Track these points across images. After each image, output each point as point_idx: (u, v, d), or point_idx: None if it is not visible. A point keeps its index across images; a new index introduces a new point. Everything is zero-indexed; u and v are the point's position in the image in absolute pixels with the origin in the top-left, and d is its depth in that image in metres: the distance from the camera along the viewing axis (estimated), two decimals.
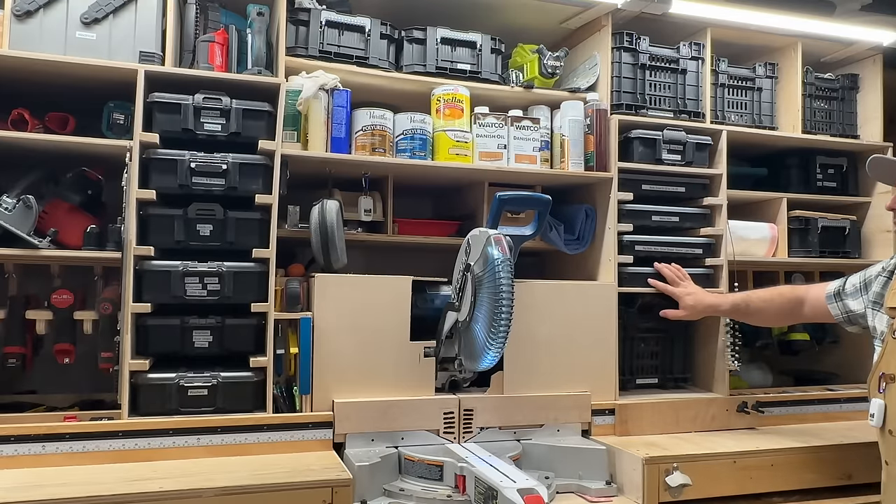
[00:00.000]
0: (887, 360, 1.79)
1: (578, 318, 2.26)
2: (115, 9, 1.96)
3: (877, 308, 1.91)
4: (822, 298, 2.09)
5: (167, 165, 1.93)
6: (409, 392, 2.07)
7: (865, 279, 2.00)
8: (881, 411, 1.77)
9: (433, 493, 1.86)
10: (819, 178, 2.73)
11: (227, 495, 1.64)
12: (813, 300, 2.12)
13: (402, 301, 2.10)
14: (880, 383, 1.78)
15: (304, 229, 2.12)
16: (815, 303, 2.11)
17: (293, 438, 1.95)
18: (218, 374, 1.93)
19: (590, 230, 2.44)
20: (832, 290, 2.08)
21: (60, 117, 2.03)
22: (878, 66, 2.79)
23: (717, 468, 2.02)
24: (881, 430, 1.79)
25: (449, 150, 2.24)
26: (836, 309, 2.06)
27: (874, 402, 1.80)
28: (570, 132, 2.36)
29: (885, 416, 1.76)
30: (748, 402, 2.38)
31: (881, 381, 1.78)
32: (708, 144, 2.49)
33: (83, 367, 2.10)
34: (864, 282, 1.99)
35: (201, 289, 1.92)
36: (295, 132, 2.10)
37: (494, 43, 2.36)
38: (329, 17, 2.18)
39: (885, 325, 1.84)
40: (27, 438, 1.76)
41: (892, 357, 1.78)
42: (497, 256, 1.87)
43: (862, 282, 2.00)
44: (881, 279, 1.93)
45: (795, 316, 2.21)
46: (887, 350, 1.80)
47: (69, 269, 2.09)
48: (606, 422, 2.24)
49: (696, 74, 2.51)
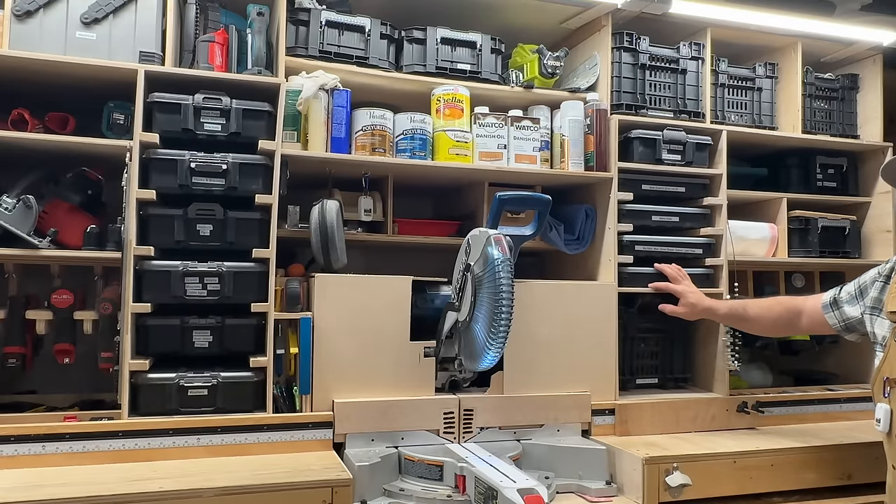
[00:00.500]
0: (891, 364, 1.77)
1: (578, 318, 2.26)
2: (115, 9, 1.96)
3: (875, 313, 1.90)
4: (818, 309, 2.08)
5: (167, 165, 1.93)
6: (409, 392, 2.07)
7: (860, 285, 1.99)
8: (888, 416, 1.75)
9: (433, 493, 1.86)
10: (819, 178, 2.73)
11: (227, 495, 1.64)
12: (810, 311, 2.11)
13: (402, 301, 2.10)
14: (885, 388, 1.77)
15: (304, 229, 2.12)
16: (812, 313, 2.10)
17: (293, 438, 1.95)
18: (218, 374, 1.93)
19: (590, 230, 2.44)
20: (828, 299, 2.07)
21: (60, 117, 2.03)
22: (878, 66, 2.79)
23: (717, 468, 2.02)
24: (888, 435, 1.77)
25: (449, 150, 2.24)
26: (834, 318, 2.05)
27: (880, 407, 1.78)
28: (570, 132, 2.36)
29: (891, 421, 1.75)
30: (748, 402, 2.38)
31: (885, 386, 1.76)
32: (708, 144, 2.49)
33: (83, 367, 2.10)
34: (860, 288, 1.99)
35: (201, 289, 1.92)
36: (295, 132, 2.10)
37: (494, 43, 2.36)
38: (329, 17, 2.18)
39: (887, 329, 1.83)
40: (27, 438, 1.76)
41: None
42: (497, 256, 1.87)
43: (857, 288, 2.00)
44: (878, 284, 1.93)
45: (793, 327, 2.19)
46: (890, 354, 1.78)
47: (69, 269, 2.10)
48: (606, 422, 2.24)
49: (696, 74, 2.51)
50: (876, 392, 1.81)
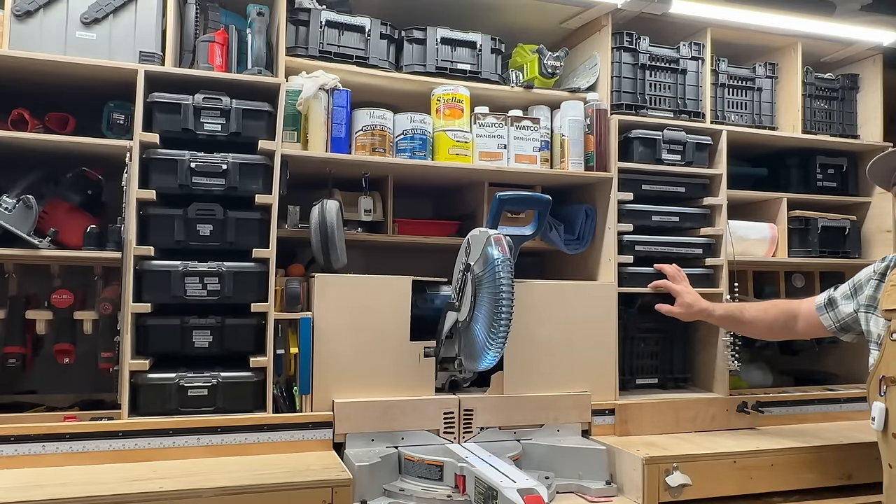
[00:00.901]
0: (887, 362, 1.78)
1: (578, 318, 2.26)
2: (115, 9, 1.96)
3: (870, 311, 1.91)
4: (813, 311, 2.08)
5: (167, 165, 1.93)
6: (409, 392, 2.07)
7: (855, 284, 2.00)
8: (882, 414, 1.75)
9: (433, 493, 1.86)
10: (819, 178, 2.73)
11: (227, 495, 1.64)
12: (805, 314, 2.11)
13: (402, 301, 2.10)
14: (881, 386, 1.77)
15: (304, 229, 2.12)
16: (807, 316, 2.10)
17: (293, 438, 1.95)
18: (218, 374, 1.93)
19: (590, 230, 2.44)
20: (822, 300, 2.07)
21: (60, 117, 2.03)
22: (878, 66, 2.79)
23: (717, 468, 2.02)
24: (883, 434, 1.77)
25: (449, 150, 2.24)
26: (829, 319, 2.05)
27: (875, 406, 1.78)
28: (570, 132, 2.36)
29: (886, 419, 1.75)
30: (748, 402, 2.38)
31: (882, 384, 1.76)
32: (708, 144, 2.49)
33: (83, 367, 2.10)
34: (854, 286, 2.00)
35: (201, 289, 1.92)
36: (295, 132, 2.10)
37: (494, 43, 2.36)
38: (329, 17, 2.18)
39: (882, 327, 1.84)
40: (27, 438, 1.76)
41: (892, 359, 1.76)
42: (497, 256, 1.87)
43: (851, 287, 2.00)
44: (873, 282, 1.93)
45: (789, 330, 2.18)
46: (886, 352, 1.79)
47: (69, 269, 2.10)
48: (606, 422, 2.24)
49: (696, 74, 2.51)
50: (871, 390, 1.81)
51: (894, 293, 1.83)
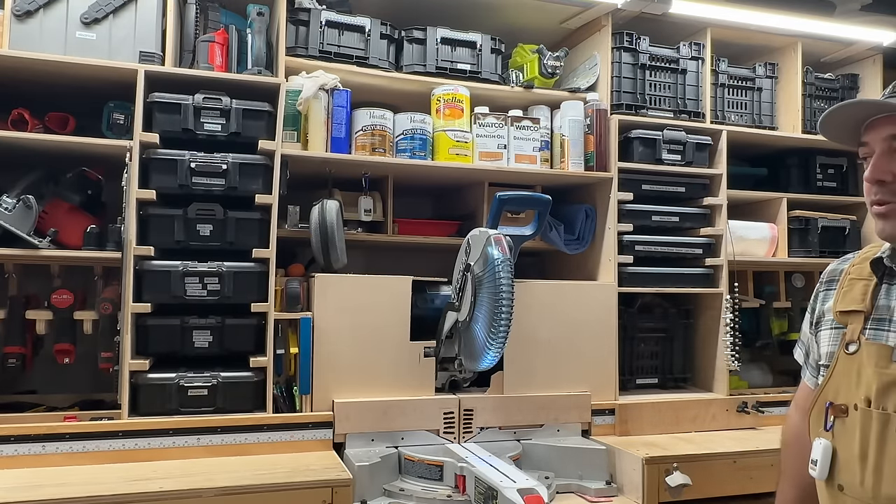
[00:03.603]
0: (836, 385, 1.22)
1: (578, 318, 2.26)
2: (115, 9, 1.96)
3: (819, 327, 1.36)
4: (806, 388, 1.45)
5: (167, 165, 1.93)
6: (409, 392, 2.07)
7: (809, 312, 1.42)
8: (828, 456, 1.19)
9: (433, 493, 1.86)
10: (819, 178, 2.73)
11: (227, 495, 1.64)
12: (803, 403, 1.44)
13: (402, 301, 2.10)
14: (827, 417, 1.21)
15: (304, 229, 2.12)
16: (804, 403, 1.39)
17: (293, 438, 1.95)
18: (218, 374, 1.93)
19: (590, 230, 2.44)
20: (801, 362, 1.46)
21: (60, 117, 2.03)
22: (878, 66, 2.79)
23: (717, 468, 2.02)
24: (828, 484, 1.20)
25: (449, 150, 2.24)
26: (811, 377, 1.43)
27: (818, 445, 1.21)
28: (570, 132, 2.36)
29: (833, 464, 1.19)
30: (748, 402, 2.38)
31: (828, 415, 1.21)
32: (708, 144, 2.49)
33: (83, 367, 2.10)
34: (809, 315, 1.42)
35: (201, 289, 1.92)
36: (295, 132, 2.10)
37: (494, 43, 2.36)
38: (329, 17, 2.18)
39: (834, 340, 1.29)
40: (27, 438, 1.76)
41: (844, 379, 1.20)
42: (497, 256, 1.87)
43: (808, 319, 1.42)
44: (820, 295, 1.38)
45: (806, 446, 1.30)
46: (837, 371, 1.23)
47: (69, 269, 2.09)
48: (606, 422, 2.24)
49: (696, 74, 2.51)
50: (813, 424, 1.25)
51: (853, 290, 1.27)
